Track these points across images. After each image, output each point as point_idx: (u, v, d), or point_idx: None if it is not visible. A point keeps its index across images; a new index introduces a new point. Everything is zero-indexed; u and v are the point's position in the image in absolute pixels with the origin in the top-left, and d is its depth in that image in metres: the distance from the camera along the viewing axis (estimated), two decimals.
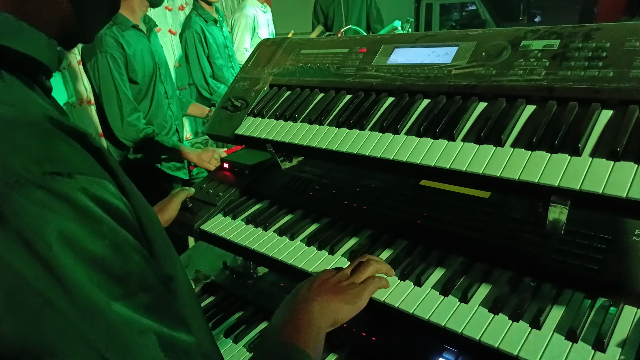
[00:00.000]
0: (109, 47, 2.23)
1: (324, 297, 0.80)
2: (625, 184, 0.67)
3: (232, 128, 1.23)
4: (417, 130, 0.92)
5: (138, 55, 2.36)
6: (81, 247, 0.39)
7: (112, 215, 0.43)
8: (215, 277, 1.51)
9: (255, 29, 4.06)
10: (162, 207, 1.30)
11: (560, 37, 0.89)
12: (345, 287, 0.84)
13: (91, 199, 0.41)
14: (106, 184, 0.44)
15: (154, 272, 0.46)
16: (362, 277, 0.88)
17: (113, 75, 2.25)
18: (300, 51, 1.28)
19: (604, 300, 0.79)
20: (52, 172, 0.40)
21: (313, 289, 0.82)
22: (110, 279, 0.40)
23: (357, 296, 0.84)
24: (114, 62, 2.24)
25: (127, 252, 0.43)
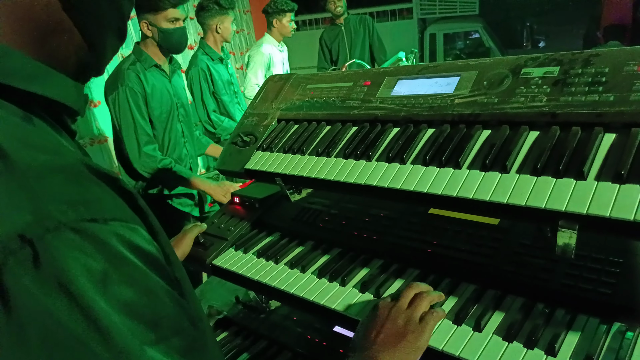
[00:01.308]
0: (130, 80, 2.35)
1: (387, 354, 0.78)
2: (632, 207, 0.68)
3: (242, 163, 1.26)
4: (423, 159, 0.94)
5: (156, 93, 2.46)
6: (115, 292, 0.40)
7: (145, 260, 0.44)
8: (228, 312, 1.51)
9: (270, 67, 4.16)
10: (175, 243, 1.31)
11: (560, 64, 0.91)
12: (405, 330, 0.82)
13: (124, 244, 0.42)
14: (138, 229, 0.45)
15: (185, 314, 0.46)
16: (420, 312, 0.85)
17: (131, 108, 2.35)
18: (307, 86, 1.32)
19: (620, 325, 0.78)
20: (89, 218, 0.41)
21: (374, 343, 0.80)
22: (143, 324, 0.41)
23: (418, 338, 0.81)
24: (133, 95, 2.35)
25: (160, 296, 0.44)
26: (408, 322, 0.83)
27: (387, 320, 0.83)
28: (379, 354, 0.78)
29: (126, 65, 2.40)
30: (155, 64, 2.47)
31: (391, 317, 0.84)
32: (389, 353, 0.78)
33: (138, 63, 2.42)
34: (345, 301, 1.01)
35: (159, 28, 2.40)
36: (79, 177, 0.44)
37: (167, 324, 0.43)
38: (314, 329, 1.31)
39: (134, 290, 0.41)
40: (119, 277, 0.41)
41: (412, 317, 0.84)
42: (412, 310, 0.85)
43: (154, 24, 2.38)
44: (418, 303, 0.87)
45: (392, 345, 0.79)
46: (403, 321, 0.83)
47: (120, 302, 0.40)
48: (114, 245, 0.41)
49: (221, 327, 1.47)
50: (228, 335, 1.43)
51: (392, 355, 0.78)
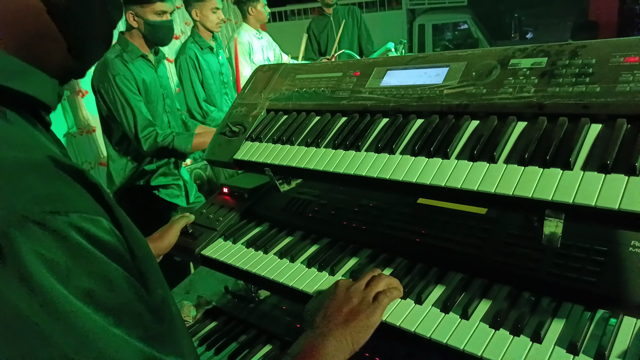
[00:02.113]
0: (120, 70, 2.32)
1: (339, 330, 0.82)
2: (617, 196, 0.69)
3: (231, 153, 1.25)
4: (412, 150, 0.94)
5: (146, 83, 2.44)
6: (74, 281, 0.42)
7: (103, 250, 0.45)
8: (217, 302, 1.51)
9: (250, 54, 4.13)
10: (162, 233, 1.31)
11: (548, 55, 0.91)
12: (359, 309, 0.86)
13: (83, 235, 0.44)
14: (99, 220, 0.46)
15: (145, 302, 0.48)
16: (375, 292, 0.90)
17: (126, 95, 2.31)
18: (296, 76, 1.31)
19: (604, 312, 0.80)
20: (50, 211, 0.42)
21: (328, 318, 0.85)
22: (102, 311, 0.43)
23: (370, 316, 0.86)
24: (126, 81, 2.32)
25: (118, 285, 0.45)
26: (362, 301, 0.88)
27: (343, 298, 0.88)
28: (331, 329, 0.82)
29: (112, 56, 2.35)
30: (141, 55, 2.44)
31: (347, 295, 0.89)
32: (340, 329, 0.83)
33: (125, 54, 2.38)
34: None
35: (146, 20, 2.36)
36: (46, 173, 0.46)
37: (127, 311, 0.45)
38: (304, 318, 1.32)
39: (93, 280, 0.43)
40: (78, 267, 0.42)
41: (366, 297, 0.89)
42: (367, 290, 0.90)
43: (141, 15, 2.34)
44: (374, 284, 0.92)
45: (344, 321, 0.84)
46: (358, 300, 0.88)
47: (80, 291, 0.42)
48: (72, 237, 0.43)
49: (210, 317, 1.47)
50: (217, 324, 1.43)
51: (343, 331, 0.82)
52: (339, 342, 0.81)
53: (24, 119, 0.52)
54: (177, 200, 2.72)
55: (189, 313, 1.47)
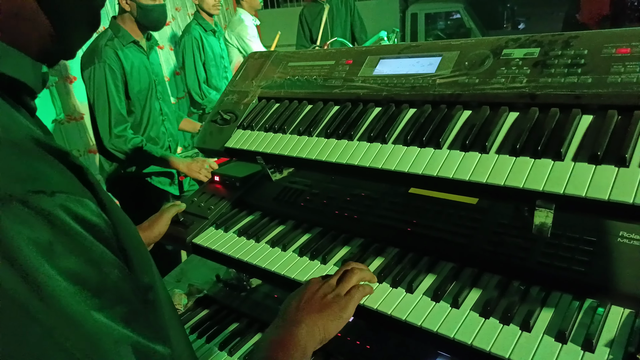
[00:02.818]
0: (108, 58, 2.29)
1: (310, 318, 0.83)
2: (607, 187, 0.69)
3: (222, 141, 1.24)
4: (404, 139, 0.94)
5: (135, 70, 2.41)
6: (59, 261, 0.41)
7: (90, 231, 0.45)
8: (208, 290, 1.51)
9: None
10: (152, 222, 1.30)
11: (541, 45, 0.91)
12: (331, 301, 0.87)
13: (70, 216, 0.43)
14: (86, 201, 0.46)
15: (131, 285, 0.48)
16: (347, 287, 0.91)
17: (108, 86, 2.30)
18: (288, 64, 1.30)
19: (592, 301, 0.81)
20: (34, 190, 0.42)
21: (300, 308, 0.85)
22: (87, 291, 0.42)
23: (343, 309, 0.87)
24: (112, 73, 2.30)
25: (104, 266, 0.45)
26: (335, 296, 0.88)
27: (316, 292, 0.88)
28: (302, 317, 0.82)
29: (103, 42, 2.33)
30: (133, 40, 2.41)
31: (320, 290, 0.89)
32: (313, 318, 0.83)
33: (116, 39, 2.35)
34: None
35: (139, 4, 2.34)
36: (28, 152, 0.45)
37: (112, 292, 0.45)
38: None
39: (79, 260, 0.42)
40: (64, 247, 0.42)
41: (339, 292, 0.89)
42: (340, 285, 0.90)
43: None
44: (347, 279, 0.92)
45: (316, 311, 0.84)
46: (332, 295, 0.88)
47: (65, 270, 0.41)
48: (58, 216, 0.42)
49: (202, 306, 1.47)
50: (208, 313, 1.44)
51: (315, 320, 0.82)
52: (310, 329, 0.81)
53: (5, 102, 0.50)
54: (168, 188, 2.70)
55: (180, 301, 1.47)
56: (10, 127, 0.47)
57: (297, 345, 0.77)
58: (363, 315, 0.94)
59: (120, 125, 2.36)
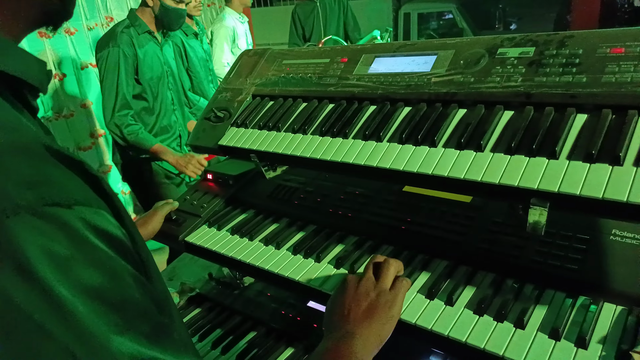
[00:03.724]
0: (122, 43, 2.41)
1: (363, 329, 0.77)
2: (601, 185, 0.70)
3: (216, 139, 1.23)
4: (400, 138, 0.94)
5: (148, 57, 2.53)
6: (78, 276, 0.39)
7: (110, 244, 0.43)
8: (201, 288, 1.50)
9: (235, 39, 4.07)
10: (146, 219, 1.29)
11: (536, 45, 0.92)
12: (378, 301, 0.81)
13: (90, 228, 0.41)
14: (104, 213, 0.44)
15: (151, 297, 0.46)
16: (390, 280, 0.85)
17: (119, 69, 2.41)
18: (282, 61, 1.30)
19: (585, 298, 0.82)
20: (51, 202, 0.40)
21: (349, 318, 0.79)
22: (108, 308, 0.40)
23: (392, 307, 0.81)
24: (124, 57, 2.41)
25: (125, 280, 0.43)
26: (379, 293, 0.82)
27: (359, 294, 0.82)
28: (354, 329, 0.77)
29: (120, 29, 2.45)
30: (148, 30, 2.52)
31: (362, 290, 0.83)
32: (366, 326, 0.77)
33: (132, 28, 2.47)
34: (321, 277, 1.01)
35: (162, 3, 2.46)
36: (40, 158, 0.43)
37: (133, 307, 0.42)
38: (289, 305, 1.32)
39: (99, 274, 0.41)
40: (84, 261, 0.40)
41: (382, 288, 0.83)
42: (381, 281, 0.84)
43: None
44: (385, 273, 0.86)
45: (367, 317, 0.79)
46: (375, 293, 0.82)
47: (84, 286, 0.39)
48: (78, 229, 0.40)
49: (194, 304, 1.46)
50: (201, 311, 1.43)
51: (369, 328, 0.77)
52: (366, 340, 0.75)
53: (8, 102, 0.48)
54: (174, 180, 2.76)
55: None
56: (18, 130, 0.44)
57: (355, 357, 0.72)
58: None
59: (124, 110, 2.46)
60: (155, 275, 0.52)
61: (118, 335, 0.39)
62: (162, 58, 2.64)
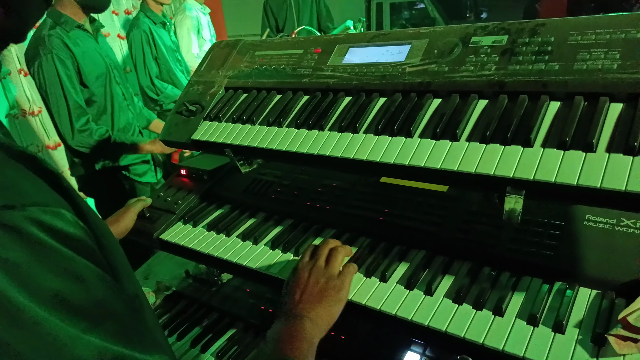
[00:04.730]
0: (54, 47, 2.09)
1: (312, 310, 0.83)
2: (575, 172, 0.71)
3: (189, 133, 1.21)
4: (375, 129, 0.93)
5: (87, 56, 2.24)
6: (37, 284, 0.37)
7: (69, 244, 0.41)
8: (177, 286, 1.47)
9: (200, 30, 3.99)
10: (118, 217, 1.26)
11: (509, 33, 0.92)
12: (327, 286, 0.87)
13: (45, 230, 0.39)
14: (61, 212, 0.42)
15: (118, 296, 0.44)
16: (338, 267, 0.92)
17: (61, 78, 2.11)
18: (255, 53, 1.27)
19: (561, 284, 0.83)
20: (3, 205, 0.37)
21: (300, 301, 0.85)
22: (72, 312, 0.38)
23: (340, 290, 0.88)
24: (61, 63, 2.11)
25: (89, 281, 0.41)
26: (328, 279, 0.89)
27: (309, 280, 0.88)
28: (304, 311, 0.83)
29: (45, 31, 2.13)
30: (77, 25, 2.22)
31: (312, 276, 0.89)
32: (314, 309, 0.83)
33: (58, 27, 2.15)
34: None
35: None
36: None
37: (99, 309, 0.41)
38: (267, 300, 1.31)
39: (59, 279, 0.39)
40: (42, 267, 0.38)
41: (331, 274, 0.90)
42: (329, 267, 0.91)
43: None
44: (334, 259, 0.92)
45: (316, 301, 0.85)
46: (324, 279, 0.88)
47: (45, 293, 0.37)
48: (32, 233, 0.38)
49: (171, 302, 1.44)
50: (179, 309, 1.40)
51: (317, 310, 0.83)
52: (314, 323, 0.81)
53: None
54: (146, 177, 2.62)
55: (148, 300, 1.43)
56: None
57: (304, 338, 0.77)
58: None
59: (82, 118, 2.20)
60: (124, 270, 0.51)
61: (84, 335, 0.38)
62: (102, 51, 2.36)
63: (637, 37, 0.79)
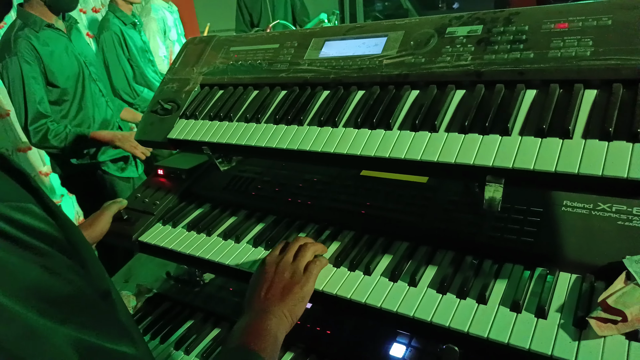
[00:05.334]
0: (20, 50, 2.08)
1: (276, 306, 0.84)
2: (553, 159, 0.71)
3: (165, 132, 1.18)
4: (355, 122, 0.93)
5: (56, 56, 2.22)
6: (11, 277, 0.38)
7: (40, 238, 0.41)
8: (159, 288, 1.45)
9: (166, 31, 3.90)
10: (93, 220, 1.23)
11: (483, 23, 0.92)
12: (291, 282, 0.88)
13: (15, 226, 0.40)
14: (29, 206, 0.42)
15: (91, 288, 0.45)
16: (304, 263, 0.92)
17: (24, 81, 2.11)
18: (230, 48, 1.25)
19: (542, 270, 0.84)
20: None
21: (265, 297, 0.86)
22: (47, 303, 0.39)
23: (303, 286, 0.88)
24: (27, 65, 2.10)
25: (61, 273, 0.42)
26: (293, 274, 0.89)
27: (275, 275, 0.89)
28: (269, 307, 0.83)
29: (13, 33, 2.11)
30: (47, 24, 2.20)
31: (278, 271, 0.90)
32: (278, 305, 0.84)
33: (27, 28, 2.14)
34: None
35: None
36: None
37: (73, 300, 0.42)
38: None
39: (32, 271, 0.40)
40: (14, 261, 0.39)
41: (297, 269, 0.90)
42: (296, 262, 0.91)
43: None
44: (302, 254, 0.93)
45: (279, 297, 0.85)
46: (289, 274, 0.89)
47: (18, 287, 0.38)
48: (2, 229, 0.39)
49: (153, 304, 1.41)
50: (161, 311, 1.38)
51: (280, 306, 0.84)
52: (279, 318, 0.82)
53: None
54: (127, 172, 2.58)
55: (129, 303, 1.40)
56: None
57: (269, 333, 0.78)
58: (322, 301, 0.94)
59: (38, 122, 2.19)
60: (92, 262, 0.52)
61: (61, 327, 0.39)
62: (75, 49, 2.34)
63: (608, 24, 0.80)
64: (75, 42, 2.37)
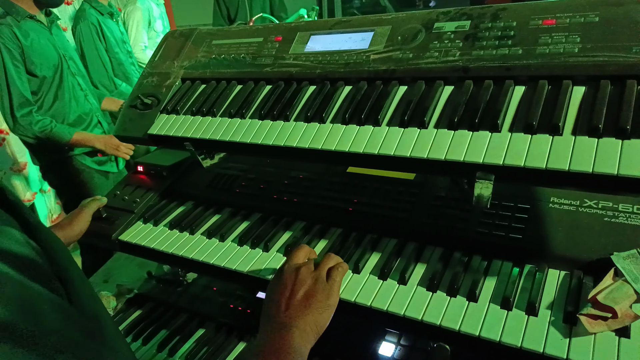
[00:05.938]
0: (1, 36, 2.11)
1: (300, 319, 0.75)
2: (544, 156, 0.71)
3: (145, 127, 1.15)
4: (343, 118, 0.91)
5: (37, 46, 2.23)
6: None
7: (19, 267, 0.37)
8: (140, 289, 1.42)
9: (151, 22, 3.83)
10: (71, 219, 1.18)
11: (471, 18, 0.92)
12: (315, 290, 0.79)
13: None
14: (7, 230, 0.38)
15: (75, 325, 0.40)
16: (327, 268, 0.84)
17: (6, 66, 2.13)
18: (212, 42, 1.22)
19: (531, 266, 0.84)
20: None
21: (286, 309, 0.77)
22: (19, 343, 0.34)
23: (329, 296, 0.80)
24: (8, 52, 2.13)
25: (41, 310, 0.37)
26: (316, 281, 0.81)
27: (296, 283, 0.80)
28: (292, 321, 0.75)
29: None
30: (29, 15, 2.23)
31: (299, 279, 0.81)
32: (302, 317, 0.75)
33: (9, 16, 2.16)
34: (271, 267, 0.98)
35: None
36: None
37: (52, 340, 0.36)
38: (237, 297, 1.28)
39: (9, 309, 0.34)
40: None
41: (319, 276, 0.82)
42: (319, 269, 0.83)
43: None
44: (325, 261, 0.85)
45: (304, 308, 0.77)
46: (312, 281, 0.81)
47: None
48: None
49: (135, 306, 1.38)
50: (143, 312, 1.35)
51: (306, 319, 0.75)
52: (303, 332, 0.74)
53: None
54: (106, 166, 2.54)
55: (108, 305, 1.36)
56: None
57: (294, 351, 0.70)
58: None
59: (25, 108, 2.21)
60: (80, 286, 0.46)
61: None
62: (55, 42, 2.34)
63: (595, 20, 0.80)
64: (56, 36, 2.38)
